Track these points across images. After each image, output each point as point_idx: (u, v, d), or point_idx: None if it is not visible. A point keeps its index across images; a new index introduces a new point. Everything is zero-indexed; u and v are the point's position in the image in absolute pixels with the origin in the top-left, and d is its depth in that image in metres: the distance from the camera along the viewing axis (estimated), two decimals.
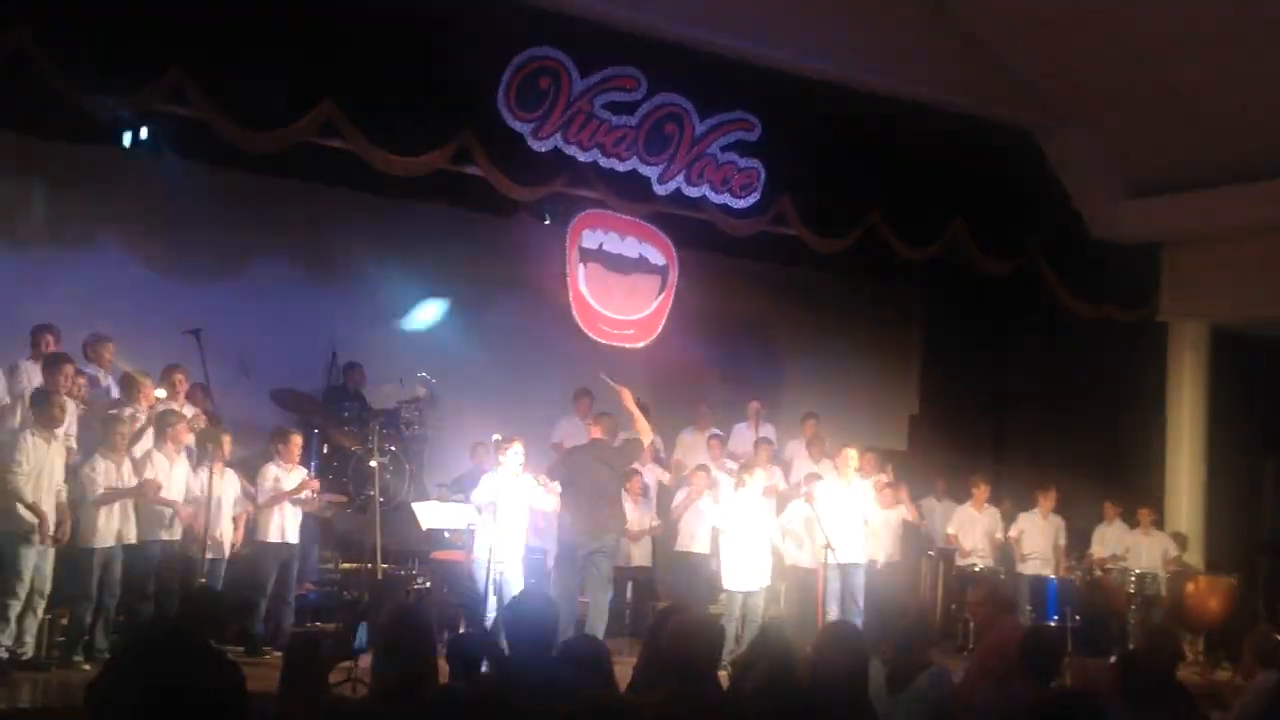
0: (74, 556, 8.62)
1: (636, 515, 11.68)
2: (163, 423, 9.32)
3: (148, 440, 9.34)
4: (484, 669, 5.75)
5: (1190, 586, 12.42)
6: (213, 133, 9.63)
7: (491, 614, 9.28)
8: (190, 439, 9.54)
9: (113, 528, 8.77)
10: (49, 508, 8.31)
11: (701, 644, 4.80)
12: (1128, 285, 13.89)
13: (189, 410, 9.92)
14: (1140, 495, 13.51)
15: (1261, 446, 14.12)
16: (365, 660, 5.89)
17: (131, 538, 8.89)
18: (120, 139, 10.93)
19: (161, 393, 9.69)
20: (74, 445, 9.04)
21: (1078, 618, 12.10)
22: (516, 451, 9.88)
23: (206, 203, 11.77)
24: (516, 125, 10.55)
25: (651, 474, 12.27)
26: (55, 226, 11.37)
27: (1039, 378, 15.31)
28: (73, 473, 8.73)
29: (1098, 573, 12.85)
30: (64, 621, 8.70)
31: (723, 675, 5.65)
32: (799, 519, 11.20)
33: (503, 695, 4.65)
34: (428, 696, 4.36)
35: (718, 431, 12.92)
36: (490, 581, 9.47)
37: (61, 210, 11.36)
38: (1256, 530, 13.65)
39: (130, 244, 11.77)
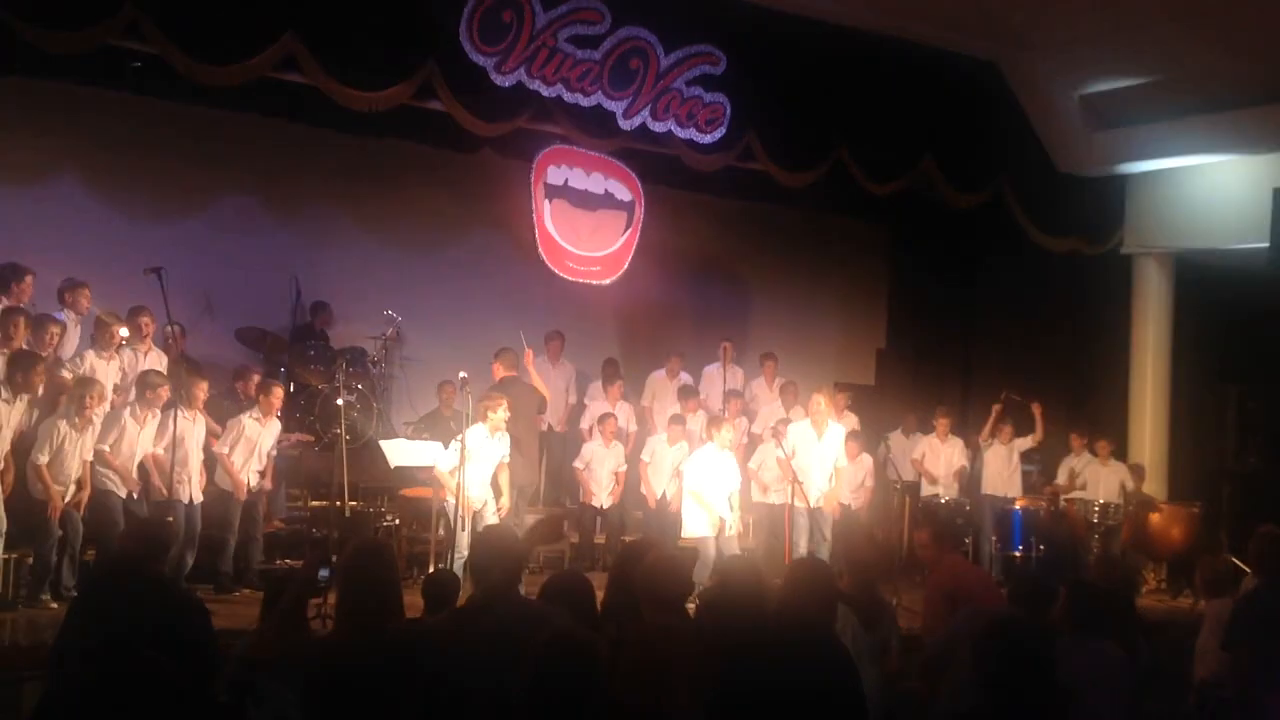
0: (35, 498, 8.62)
1: (609, 456, 11.72)
2: (144, 385, 9.21)
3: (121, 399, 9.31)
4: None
5: (1153, 515, 12.57)
6: (172, 68, 9.48)
7: (462, 555, 9.24)
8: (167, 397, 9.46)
9: (72, 475, 8.76)
10: None
11: (670, 579, 4.83)
12: (1093, 218, 13.94)
13: (156, 356, 9.85)
14: (1104, 426, 13.63)
15: (1224, 376, 14.26)
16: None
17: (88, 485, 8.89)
18: (79, 76, 10.75)
19: (124, 331, 9.62)
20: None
21: (1041, 548, 12.25)
22: (503, 410, 9.87)
23: (168, 140, 11.65)
24: (479, 60, 10.43)
25: (624, 412, 12.31)
26: (15, 164, 11.19)
27: (1005, 311, 15.38)
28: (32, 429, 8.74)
29: (1061, 503, 12.98)
30: (29, 561, 8.67)
31: (691, 607, 5.70)
32: (769, 459, 11.28)
33: (469, 631, 4.70)
34: (393, 631, 4.39)
35: (687, 379, 12.87)
36: (460, 520, 9.47)
37: (21, 148, 11.19)
38: (1219, 459, 13.80)
39: (91, 182, 11.63)
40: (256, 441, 9.90)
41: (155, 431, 9.30)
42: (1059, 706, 4.18)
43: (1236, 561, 9.14)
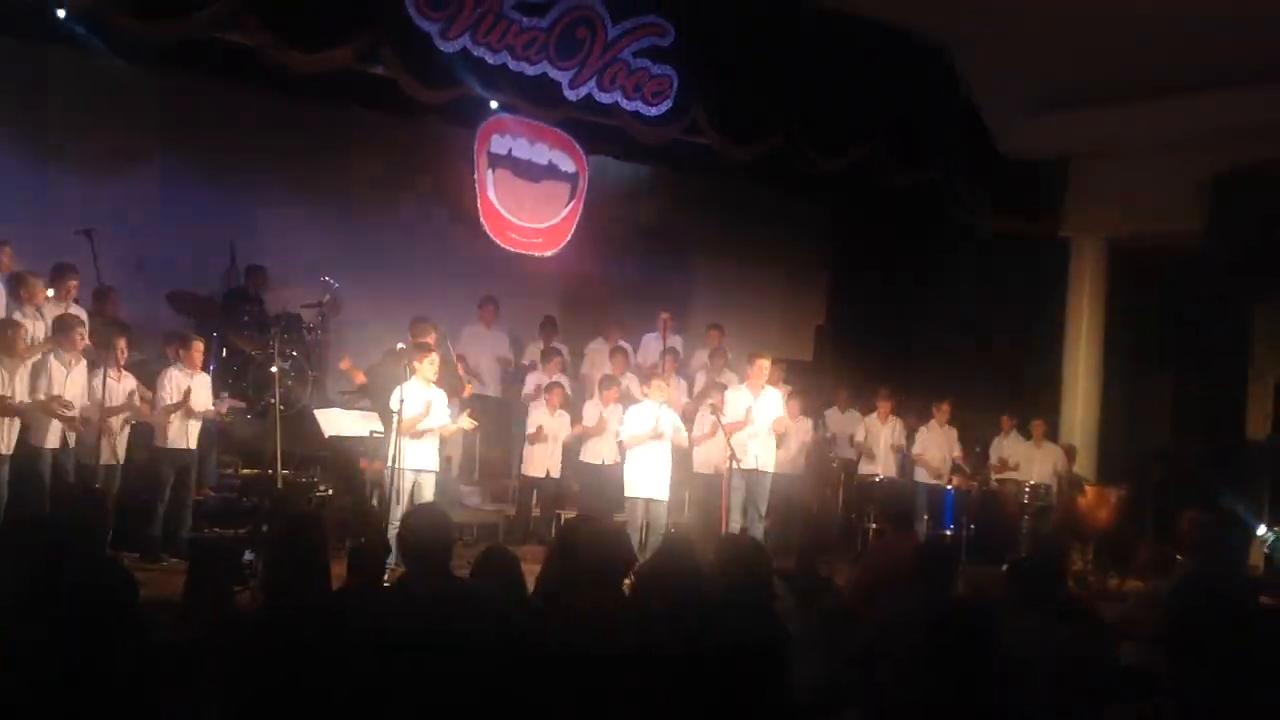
0: None
1: (555, 426, 11.65)
2: (61, 327, 9.01)
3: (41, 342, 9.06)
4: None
5: (1081, 496, 12.72)
6: (107, 23, 9.24)
7: (394, 526, 9.13)
8: (86, 343, 9.27)
9: (8, 436, 8.54)
10: None
11: (611, 555, 4.79)
12: (1033, 200, 14.06)
13: (77, 311, 9.62)
14: (1038, 407, 13.78)
15: (1156, 360, 14.44)
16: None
17: (14, 444, 8.63)
18: (8, 31, 10.45)
19: (50, 292, 9.40)
20: None
21: (973, 527, 12.38)
22: (431, 362, 9.73)
23: (99, 97, 11.36)
24: (424, 24, 10.26)
25: (565, 384, 12.26)
26: None
27: (944, 291, 15.46)
28: None
29: (993, 483, 13.12)
30: None
31: (626, 583, 5.66)
32: (706, 428, 11.27)
33: (400, 607, 4.64)
34: (320, 600, 4.33)
35: (624, 344, 12.84)
36: (396, 490, 9.34)
37: None
38: (1149, 441, 13.99)
39: (20, 141, 11.32)
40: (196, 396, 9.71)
41: (85, 385, 9.09)
42: (1004, 686, 4.29)
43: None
